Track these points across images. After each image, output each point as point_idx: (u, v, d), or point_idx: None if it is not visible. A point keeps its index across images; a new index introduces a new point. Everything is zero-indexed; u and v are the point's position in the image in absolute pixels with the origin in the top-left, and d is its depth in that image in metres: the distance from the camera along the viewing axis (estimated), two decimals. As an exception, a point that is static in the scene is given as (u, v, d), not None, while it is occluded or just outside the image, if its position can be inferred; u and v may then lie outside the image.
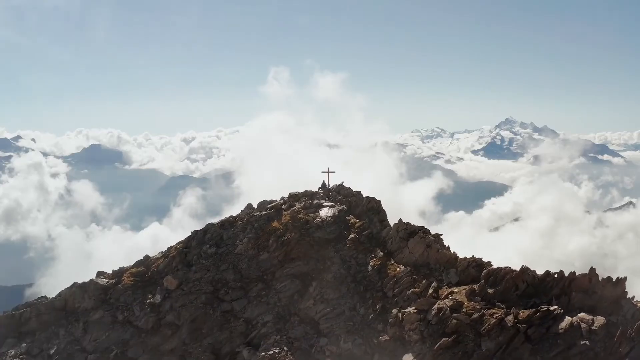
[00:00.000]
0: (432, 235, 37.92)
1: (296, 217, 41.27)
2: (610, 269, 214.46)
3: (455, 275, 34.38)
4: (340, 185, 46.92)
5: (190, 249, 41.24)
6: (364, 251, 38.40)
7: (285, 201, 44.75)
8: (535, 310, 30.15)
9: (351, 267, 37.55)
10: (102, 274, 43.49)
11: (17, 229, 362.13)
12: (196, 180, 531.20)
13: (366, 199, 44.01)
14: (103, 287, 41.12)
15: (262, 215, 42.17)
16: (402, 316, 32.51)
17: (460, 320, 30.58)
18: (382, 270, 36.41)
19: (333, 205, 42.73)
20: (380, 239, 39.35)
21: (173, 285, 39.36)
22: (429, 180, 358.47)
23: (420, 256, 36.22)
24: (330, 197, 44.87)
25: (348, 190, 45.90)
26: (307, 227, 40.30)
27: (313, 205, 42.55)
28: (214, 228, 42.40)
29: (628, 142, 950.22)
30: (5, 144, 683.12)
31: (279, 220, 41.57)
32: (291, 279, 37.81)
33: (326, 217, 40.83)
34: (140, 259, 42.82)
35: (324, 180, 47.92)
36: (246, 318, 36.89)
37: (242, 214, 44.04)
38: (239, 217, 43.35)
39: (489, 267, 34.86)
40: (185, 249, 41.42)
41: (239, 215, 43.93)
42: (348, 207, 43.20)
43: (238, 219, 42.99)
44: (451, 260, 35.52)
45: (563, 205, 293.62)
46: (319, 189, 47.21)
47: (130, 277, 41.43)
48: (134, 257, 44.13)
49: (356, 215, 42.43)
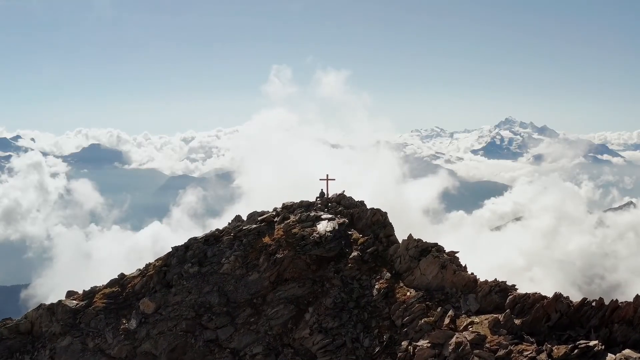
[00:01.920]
0: (447, 253, 32.89)
1: (290, 231, 36.37)
2: (611, 269, 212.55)
3: (476, 302, 29.45)
4: (340, 194, 42.00)
5: (169, 268, 36.41)
6: (368, 272, 33.45)
7: (278, 213, 39.86)
8: (572, 346, 25.35)
9: (354, 291, 32.64)
10: (73, 294, 38.81)
11: (16, 229, 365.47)
12: (196, 180, 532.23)
13: (370, 211, 38.99)
14: (72, 309, 36.60)
15: (251, 229, 37.18)
16: (414, 350, 27.63)
17: (483, 358, 25.79)
18: (389, 295, 31.51)
19: (333, 218, 37.92)
20: (387, 257, 34.34)
21: (150, 309, 34.64)
22: (429, 180, 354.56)
23: (434, 278, 31.19)
24: (329, 209, 40.10)
25: (350, 200, 41.01)
26: (302, 244, 35.39)
27: (310, 218, 37.69)
28: (196, 244, 37.48)
29: (628, 142, 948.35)
30: (4, 143, 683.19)
31: (270, 235, 36.67)
32: (284, 303, 32.89)
33: (325, 232, 35.90)
34: (115, 278, 38.01)
35: (322, 189, 43.10)
36: (232, 349, 32.15)
37: (229, 228, 39.23)
38: (225, 231, 38.42)
39: (515, 291, 30.00)
40: (164, 267, 36.61)
41: (225, 229, 39.06)
42: (350, 220, 38.45)
43: (224, 233, 38.10)
44: (470, 283, 30.56)
45: (565, 205, 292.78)
46: (317, 199, 42.37)
47: (103, 298, 36.75)
48: (134, 257, 40.63)
49: (359, 230, 37.57)
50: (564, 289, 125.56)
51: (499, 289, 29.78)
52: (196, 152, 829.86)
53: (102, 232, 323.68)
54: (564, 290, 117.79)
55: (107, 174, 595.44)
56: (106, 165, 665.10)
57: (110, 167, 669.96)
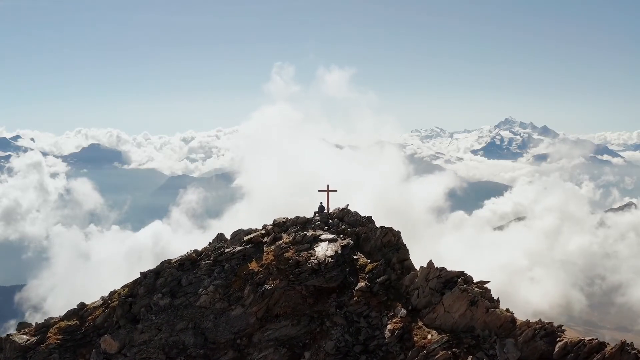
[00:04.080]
0: (476, 284, 26.51)
1: (282, 255, 29.72)
2: (612, 270, 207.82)
3: (516, 349, 23.24)
4: (344, 209, 34.97)
5: (136, 299, 29.97)
6: (378, 307, 26.83)
7: (268, 231, 32.88)
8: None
9: (360, 331, 26.19)
10: (25, 326, 32.63)
11: (16, 229, 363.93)
12: (195, 180, 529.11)
13: (381, 230, 31.97)
14: (22, 346, 30.50)
15: (235, 252, 30.48)
16: (438, 412, 21.56)
17: None
18: (405, 337, 25.12)
19: (334, 239, 30.95)
20: (401, 289, 27.71)
21: (113, 349, 28.44)
22: (428, 180, 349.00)
23: (461, 317, 24.84)
24: (330, 227, 33.28)
25: (355, 216, 34.15)
26: (297, 272, 28.77)
27: (307, 239, 30.70)
28: (169, 269, 30.84)
29: (627, 142, 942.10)
30: (4, 143, 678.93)
31: (258, 260, 30.14)
32: (275, 346, 26.46)
33: (325, 257, 28.95)
34: (74, 308, 31.79)
35: (321, 203, 35.71)
36: (211, 402, 25.89)
37: (209, 249, 32.41)
38: (204, 254, 31.69)
39: (562, 334, 23.82)
40: (129, 297, 30.19)
41: (204, 251, 32.23)
42: (355, 241, 31.66)
43: (203, 257, 31.36)
44: (507, 324, 24.35)
45: (568, 205, 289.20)
46: (315, 215, 35.27)
47: (58, 333, 30.56)
48: (134, 257, 34.70)
49: (367, 254, 30.92)
50: (565, 290, 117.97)
51: (544, 333, 23.56)
52: (196, 152, 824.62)
53: (101, 233, 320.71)
54: (566, 291, 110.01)
55: (107, 174, 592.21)
56: (106, 165, 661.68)
57: (109, 167, 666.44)
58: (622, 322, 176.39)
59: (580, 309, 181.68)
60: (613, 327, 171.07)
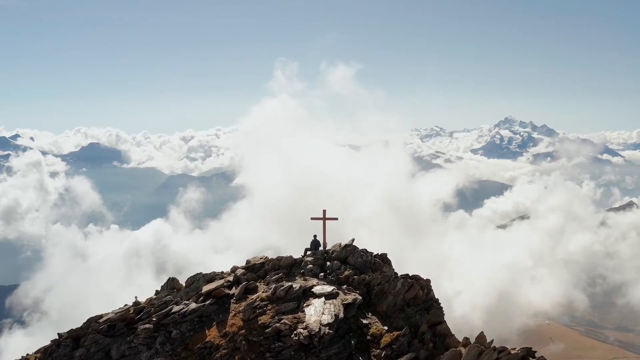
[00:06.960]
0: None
1: (256, 320, 20.77)
2: (613, 270, 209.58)
3: None
4: (349, 246, 25.16)
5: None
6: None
7: (237, 278, 23.58)
8: None
9: None
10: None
11: (15, 228, 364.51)
12: (195, 179, 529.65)
13: (403, 280, 22.46)
14: None
15: (188, 310, 21.71)
16: None
17: None
18: None
19: (334, 293, 21.92)
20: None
21: None
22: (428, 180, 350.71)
23: None
24: (328, 273, 23.95)
25: (364, 256, 24.77)
26: (277, 347, 19.68)
27: (292, 294, 21.62)
28: (92, 335, 21.93)
29: (627, 141, 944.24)
30: (3, 142, 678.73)
31: (220, 326, 21.26)
32: None
33: (319, 325, 19.77)
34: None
35: (315, 236, 25.62)
36: None
37: (152, 304, 23.52)
38: (144, 312, 22.70)
39: None
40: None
41: (146, 306, 23.41)
42: (365, 297, 22.61)
43: (142, 315, 22.52)
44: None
45: (572, 204, 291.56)
46: (306, 252, 25.86)
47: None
48: (134, 257, 36.00)
49: (382, 316, 21.83)
50: (567, 290, 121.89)
51: None
52: (195, 151, 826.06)
53: (100, 232, 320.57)
54: (568, 291, 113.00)
55: (106, 173, 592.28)
56: (105, 165, 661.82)
57: (109, 166, 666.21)
58: (623, 322, 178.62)
59: (582, 309, 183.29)
60: (614, 327, 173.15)
